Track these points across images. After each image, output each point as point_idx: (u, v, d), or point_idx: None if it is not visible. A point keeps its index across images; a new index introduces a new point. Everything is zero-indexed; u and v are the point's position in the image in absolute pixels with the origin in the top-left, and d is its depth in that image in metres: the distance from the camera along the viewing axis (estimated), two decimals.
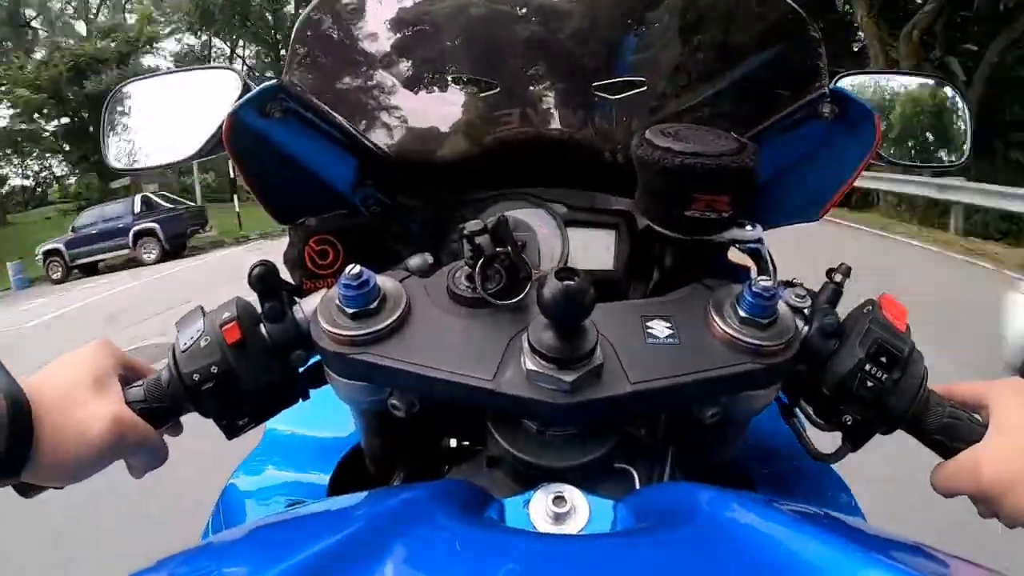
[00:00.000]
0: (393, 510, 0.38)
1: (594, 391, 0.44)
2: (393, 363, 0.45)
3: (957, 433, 0.49)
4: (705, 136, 0.50)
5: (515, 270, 0.48)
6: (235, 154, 0.57)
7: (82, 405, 0.46)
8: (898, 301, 0.52)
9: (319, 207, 0.66)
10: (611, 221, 0.68)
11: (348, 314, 0.46)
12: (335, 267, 0.65)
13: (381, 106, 0.66)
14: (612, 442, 0.49)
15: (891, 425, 0.51)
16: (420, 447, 0.60)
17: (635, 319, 0.49)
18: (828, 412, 0.51)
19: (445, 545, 0.34)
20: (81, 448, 0.45)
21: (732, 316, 0.48)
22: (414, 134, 0.67)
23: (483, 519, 0.40)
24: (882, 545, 0.36)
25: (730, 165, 0.47)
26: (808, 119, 0.61)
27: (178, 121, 0.75)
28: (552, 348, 0.43)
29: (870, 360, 0.49)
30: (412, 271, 0.54)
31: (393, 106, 0.66)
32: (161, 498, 2.57)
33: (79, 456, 0.45)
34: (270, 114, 0.57)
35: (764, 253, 0.58)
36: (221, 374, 0.48)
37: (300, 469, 0.71)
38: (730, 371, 0.46)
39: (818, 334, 0.50)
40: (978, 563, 0.33)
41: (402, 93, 0.66)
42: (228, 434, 0.52)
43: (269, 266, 0.50)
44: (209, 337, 0.49)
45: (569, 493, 0.41)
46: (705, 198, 0.49)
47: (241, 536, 0.39)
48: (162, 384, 0.50)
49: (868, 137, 0.59)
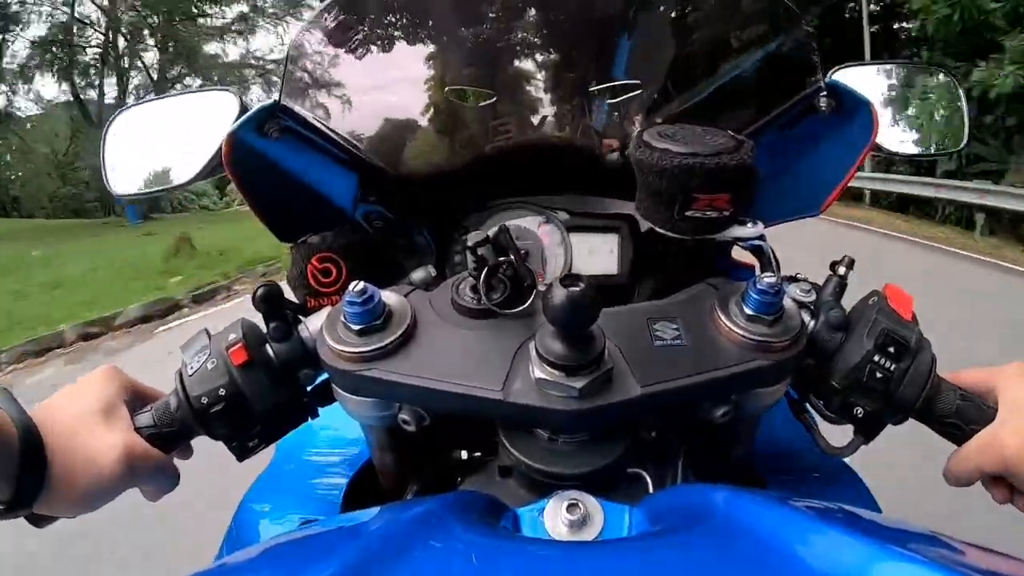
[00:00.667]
0: (408, 524, 0.38)
1: (604, 396, 0.44)
2: (401, 378, 0.45)
3: (970, 416, 0.49)
4: (702, 136, 0.50)
5: (519, 279, 0.48)
6: (235, 175, 0.58)
7: (92, 435, 0.46)
8: (903, 290, 0.52)
9: (321, 224, 0.67)
10: (613, 225, 0.68)
11: (354, 331, 0.46)
12: (339, 284, 0.65)
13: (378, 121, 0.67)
14: (623, 447, 0.49)
15: (903, 414, 0.50)
16: (431, 460, 0.60)
17: (641, 322, 0.49)
18: (839, 405, 0.51)
19: (461, 557, 0.34)
20: (92, 478, 0.45)
21: (738, 314, 0.48)
22: (412, 147, 0.67)
23: (498, 529, 0.40)
24: (901, 537, 0.35)
25: (728, 163, 0.47)
26: (805, 114, 0.61)
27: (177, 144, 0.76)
28: (560, 355, 0.43)
29: (878, 351, 0.48)
30: (416, 285, 0.54)
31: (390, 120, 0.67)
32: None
33: (91, 486, 0.45)
34: (268, 134, 0.57)
35: (767, 250, 0.58)
36: (229, 396, 0.49)
37: (312, 486, 0.71)
38: (739, 369, 0.46)
39: (825, 328, 0.50)
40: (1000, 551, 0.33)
41: (399, 107, 0.67)
42: (239, 456, 0.52)
43: (273, 286, 0.50)
44: (216, 360, 0.49)
45: (583, 500, 0.41)
46: (705, 197, 0.49)
47: (256, 555, 0.39)
48: (171, 409, 0.50)
49: (866, 128, 0.59)
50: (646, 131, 0.51)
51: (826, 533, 0.33)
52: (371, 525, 0.41)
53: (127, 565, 2.31)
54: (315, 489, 0.71)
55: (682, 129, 0.51)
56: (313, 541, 0.41)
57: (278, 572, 0.35)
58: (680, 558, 0.33)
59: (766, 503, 0.39)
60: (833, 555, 0.31)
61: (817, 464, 0.67)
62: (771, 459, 0.67)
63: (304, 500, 0.70)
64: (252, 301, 0.50)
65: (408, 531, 0.37)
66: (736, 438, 0.56)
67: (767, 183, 0.64)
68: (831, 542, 0.32)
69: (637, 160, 0.50)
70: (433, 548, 0.34)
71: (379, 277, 0.52)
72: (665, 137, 0.50)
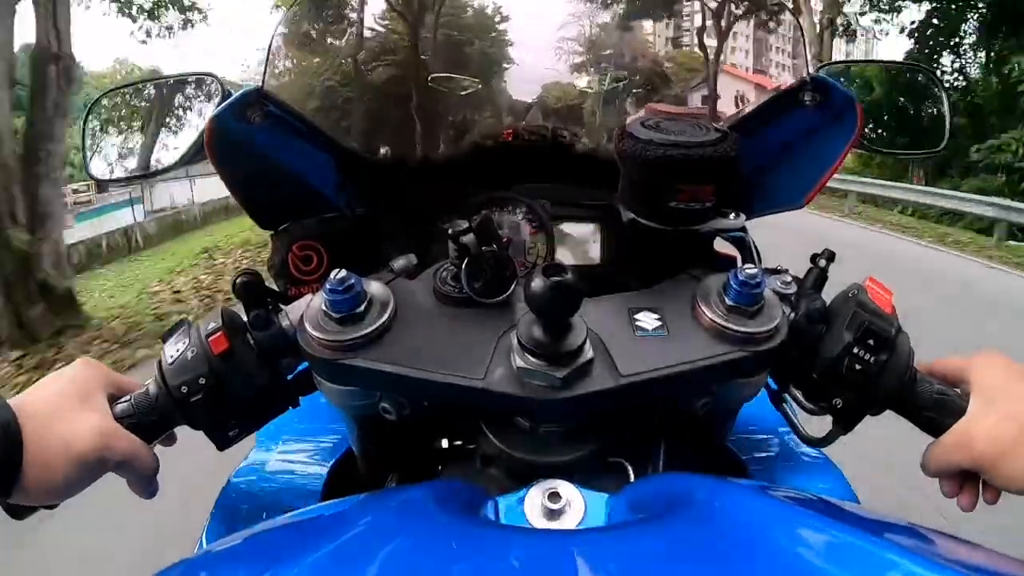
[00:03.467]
0: (388, 512, 0.38)
1: (585, 385, 0.44)
2: (382, 367, 0.45)
3: (946, 408, 0.50)
4: (686, 127, 0.50)
5: (501, 268, 0.48)
6: (217, 160, 0.57)
7: (67, 419, 0.45)
8: (882, 284, 0.53)
9: (302, 211, 0.66)
10: (595, 215, 0.68)
11: (335, 319, 0.46)
12: (319, 272, 0.65)
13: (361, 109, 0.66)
14: (605, 436, 0.49)
15: (881, 406, 0.51)
16: (413, 449, 0.60)
17: (623, 312, 0.49)
18: (818, 396, 0.52)
19: (442, 545, 0.34)
20: (68, 462, 0.44)
21: (719, 305, 0.48)
22: (395, 136, 0.67)
23: (479, 518, 0.40)
24: (877, 527, 0.36)
25: (712, 155, 0.47)
26: (791, 107, 0.61)
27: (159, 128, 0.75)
28: (542, 344, 0.43)
29: (857, 343, 0.49)
30: (398, 273, 0.53)
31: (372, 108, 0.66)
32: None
33: (66, 471, 0.44)
34: (251, 120, 0.57)
35: (749, 241, 0.58)
36: (209, 385, 0.48)
37: (293, 475, 0.71)
38: (719, 360, 0.46)
39: (805, 319, 0.50)
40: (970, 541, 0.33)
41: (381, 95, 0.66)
42: (219, 445, 0.52)
43: (253, 275, 0.49)
44: (196, 349, 0.49)
45: (564, 488, 0.41)
46: (688, 189, 0.49)
47: (239, 543, 0.39)
48: (150, 398, 0.49)
49: (851, 124, 0.59)
50: (630, 122, 0.51)
51: (804, 522, 0.34)
52: (351, 514, 0.41)
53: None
54: (296, 478, 0.70)
55: (666, 120, 0.51)
56: (294, 530, 0.41)
57: (260, 560, 0.35)
58: (659, 546, 0.33)
59: (745, 492, 0.40)
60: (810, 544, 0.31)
61: (796, 454, 0.68)
62: (751, 448, 0.67)
63: (285, 489, 0.70)
64: (232, 289, 0.49)
65: (388, 520, 0.37)
66: (716, 427, 0.57)
67: (751, 176, 0.64)
68: (808, 531, 0.33)
69: (621, 151, 0.50)
70: (413, 536, 0.34)
71: (361, 265, 0.51)
72: (649, 128, 0.50)
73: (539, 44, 0.67)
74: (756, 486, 0.45)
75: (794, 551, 0.31)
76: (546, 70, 0.68)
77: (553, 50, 0.68)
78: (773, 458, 0.68)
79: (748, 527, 0.34)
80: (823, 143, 0.63)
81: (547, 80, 0.68)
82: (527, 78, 0.68)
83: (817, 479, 0.68)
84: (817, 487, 0.66)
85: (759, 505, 0.38)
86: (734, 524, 0.35)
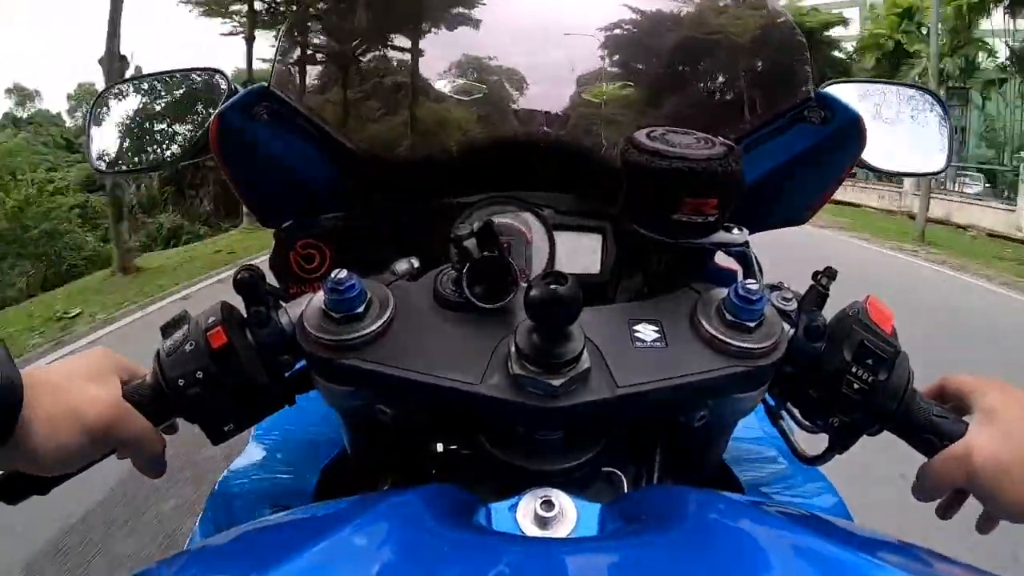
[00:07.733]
0: (380, 515, 0.37)
1: (581, 395, 0.44)
2: (379, 368, 0.45)
3: (944, 430, 0.49)
4: (692, 140, 0.50)
5: (502, 274, 0.48)
6: (222, 157, 0.57)
7: (78, 391, 0.45)
8: (884, 303, 0.53)
9: (306, 210, 0.66)
10: (598, 225, 0.68)
11: (334, 319, 0.46)
12: (321, 271, 0.64)
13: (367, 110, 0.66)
14: (599, 446, 0.49)
15: (878, 426, 0.51)
16: (407, 452, 0.59)
17: (622, 322, 0.49)
18: (815, 414, 0.52)
19: (432, 550, 0.34)
20: (76, 430, 0.44)
21: (719, 319, 0.48)
22: (400, 138, 0.67)
23: (471, 524, 0.40)
24: (870, 546, 0.36)
25: (717, 169, 0.47)
26: (795, 124, 0.61)
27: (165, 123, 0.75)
28: (539, 352, 0.43)
29: (857, 362, 0.49)
30: (399, 275, 0.53)
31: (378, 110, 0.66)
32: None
33: (74, 439, 0.44)
34: (257, 117, 0.57)
35: (750, 256, 0.58)
36: (206, 379, 0.48)
37: (286, 474, 0.71)
38: (717, 374, 0.46)
39: (804, 336, 0.50)
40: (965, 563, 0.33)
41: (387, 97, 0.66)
42: (213, 439, 0.52)
43: (255, 271, 0.49)
44: (194, 342, 0.48)
45: (557, 497, 0.41)
46: (692, 202, 0.49)
47: (228, 541, 0.39)
48: (147, 388, 0.49)
49: (854, 142, 0.59)
50: (636, 133, 0.51)
51: (795, 539, 0.34)
52: (343, 515, 0.41)
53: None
54: (289, 477, 0.70)
55: (672, 133, 0.51)
56: (286, 529, 0.41)
57: (250, 559, 0.34)
58: (649, 557, 0.33)
59: (739, 507, 0.40)
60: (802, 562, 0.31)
61: (791, 470, 0.68)
62: (747, 463, 0.67)
63: (278, 487, 0.70)
64: (233, 285, 0.49)
65: (380, 522, 0.36)
66: (712, 441, 0.57)
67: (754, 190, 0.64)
68: (801, 548, 0.33)
69: (626, 161, 0.50)
70: (403, 541, 0.34)
71: (362, 266, 0.51)
72: (655, 139, 0.50)
73: (546, 51, 0.67)
74: (750, 501, 0.45)
75: (784, 568, 0.31)
76: (553, 77, 0.68)
77: (561, 57, 0.68)
78: (768, 474, 0.68)
79: (740, 542, 0.34)
80: (827, 159, 0.63)
81: (554, 88, 0.68)
82: (533, 85, 0.68)
83: (811, 496, 0.68)
84: (811, 504, 0.66)
85: (752, 521, 0.37)
86: (726, 539, 0.35)
